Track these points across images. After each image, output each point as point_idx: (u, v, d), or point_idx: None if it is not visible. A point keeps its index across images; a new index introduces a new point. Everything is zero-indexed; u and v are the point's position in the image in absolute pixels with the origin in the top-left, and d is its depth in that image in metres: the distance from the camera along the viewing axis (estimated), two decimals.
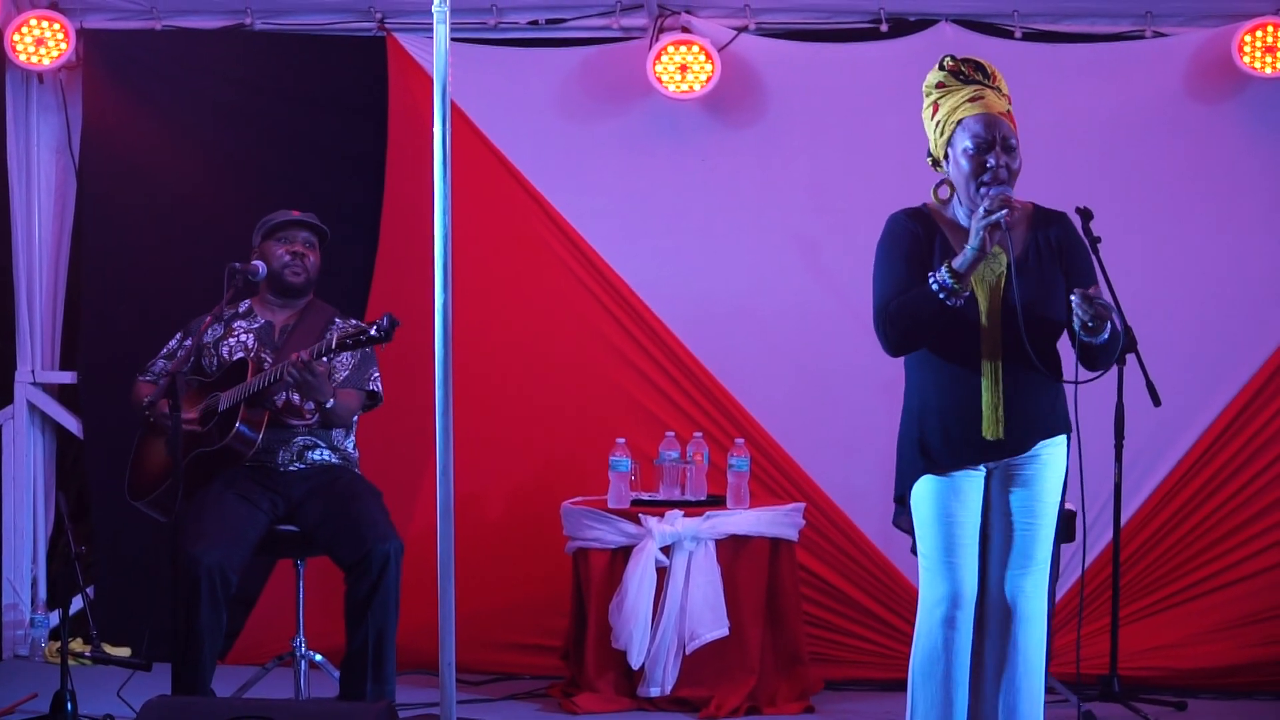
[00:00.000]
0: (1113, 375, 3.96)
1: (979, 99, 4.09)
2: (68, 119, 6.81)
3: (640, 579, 5.70)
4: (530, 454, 6.59)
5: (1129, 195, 6.34)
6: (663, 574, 5.73)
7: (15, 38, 6.59)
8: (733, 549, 5.81)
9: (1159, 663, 6.18)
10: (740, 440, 6.08)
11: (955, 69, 4.14)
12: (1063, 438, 4.18)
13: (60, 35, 6.62)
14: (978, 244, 3.96)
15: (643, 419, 6.45)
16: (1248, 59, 6.29)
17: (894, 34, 6.54)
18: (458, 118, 6.39)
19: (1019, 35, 6.50)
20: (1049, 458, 4.15)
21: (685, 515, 5.77)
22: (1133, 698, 5.77)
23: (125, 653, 6.31)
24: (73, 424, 6.85)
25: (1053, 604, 4.77)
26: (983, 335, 4.07)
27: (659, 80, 6.47)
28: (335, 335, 4.99)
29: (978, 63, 4.16)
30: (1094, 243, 4.94)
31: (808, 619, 6.15)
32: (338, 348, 4.98)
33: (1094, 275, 4.23)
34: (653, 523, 5.74)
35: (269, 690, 5.44)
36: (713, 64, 6.45)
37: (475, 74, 6.47)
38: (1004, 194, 3.97)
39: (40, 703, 5.57)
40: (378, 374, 5.43)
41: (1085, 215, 5.07)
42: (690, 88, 6.47)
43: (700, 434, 6.15)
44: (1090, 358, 4.05)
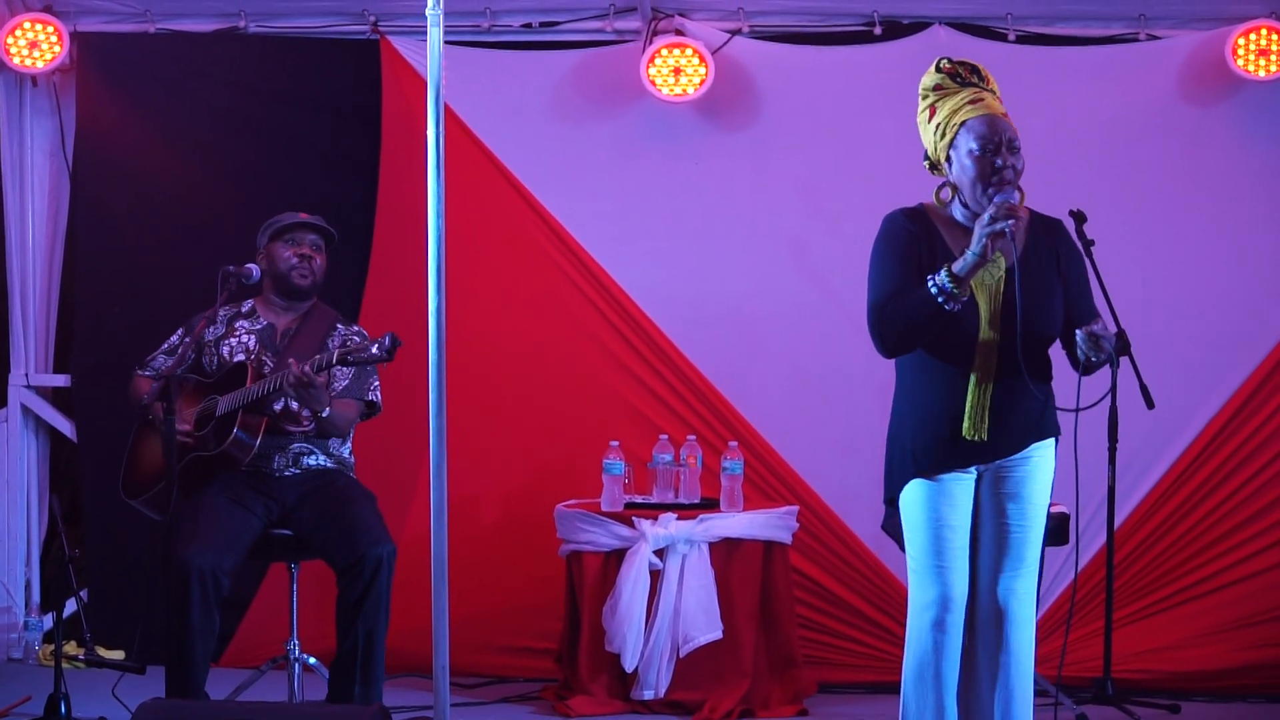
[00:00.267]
0: (1106, 379, 3.96)
1: (979, 101, 4.07)
2: (61, 122, 6.81)
3: (634, 582, 5.70)
4: (524, 457, 6.58)
5: (1123, 198, 6.33)
6: (656, 577, 5.73)
7: (9, 41, 6.59)
8: (726, 552, 5.81)
9: (1153, 665, 6.18)
10: (734, 443, 6.08)
11: (952, 71, 4.12)
12: (1051, 441, 4.19)
13: (54, 38, 6.62)
14: (980, 250, 3.94)
15: (636, 422, 6.45)
16: (1241, 62, 6.28)
17: (887, 37, 6.54)
18: (451, 120, 6.38)
19: (1012, 38, 6.49)
20: (1038, 460, 4.16)
21: (679, 518, 5.77)
22: (1126, 700, 5.77)
23: (119, 655, 6.30)
24: (66, 427, 6.84)
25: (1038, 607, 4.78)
26: (980, 338, 4.07)
27: (652, 83, 6.47)
28: (336, 350, 4.97)
29: (973, 65, 4.16)
30: (1087, 246, 4.94)
31: (801, 622, 6.15)
32: (338, 362, 4.96)
33: (1089, 284, 4.24)
34: (646, 526, 5.74)
35: (263, 693, 5.43)
36: (706, 67, 6.45)
37: (469, 77, 6.46)
38: (1009, 202, 3.94)
39: (34, 706, 5.57)
40: (377, 384, 5.39)
41: (1078, 218, 5.08)
42: (684, 91, 6.47)
43: (694, 437, 6.15)
44: (1086, 370, 4.09)
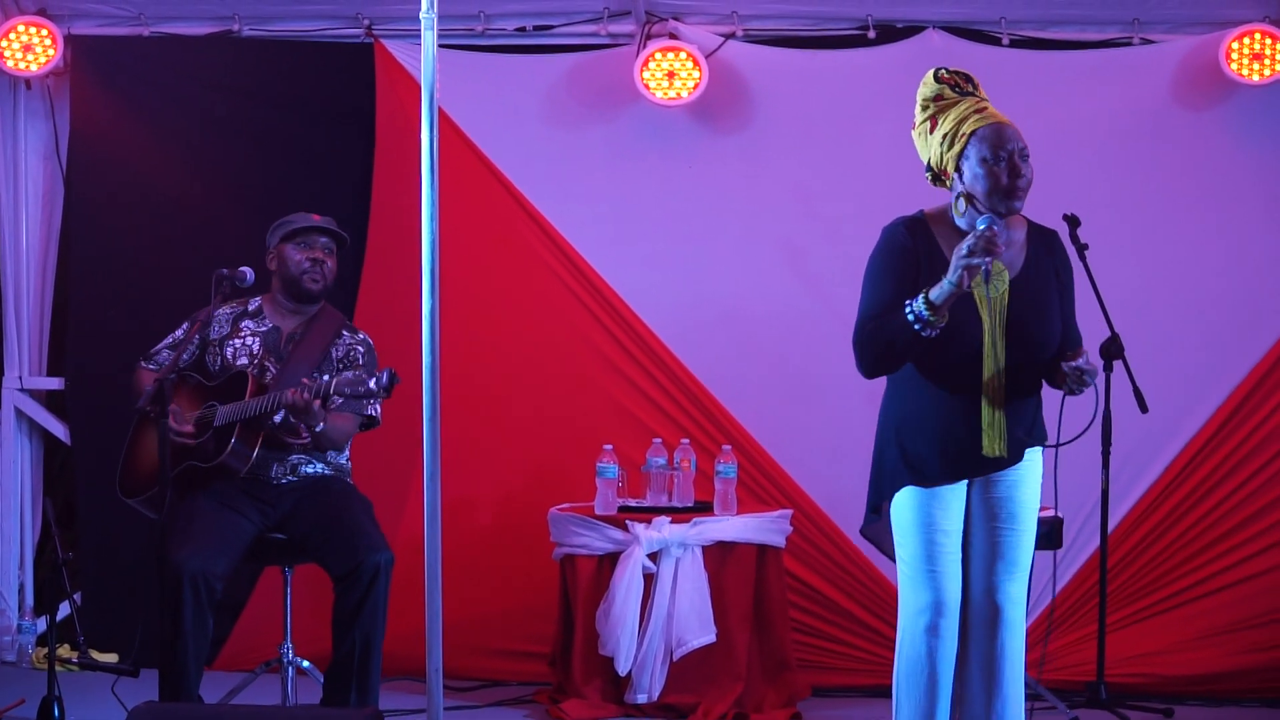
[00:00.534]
0: (1099, 382, 3.97)
1: (984, 110, 4.06)
2: (55, 125, 6.80)
3: (627, 585, 5.69)
4: (517, 461, 6.58)
5: (1117, 202, 6.33)
6: (650, 580, 5.73)
7: (3, 44, 6.58)
8: (720, 555, 5.81)
9: (1146, 669, 6.19)
10: (727, 447, 6.08)
11: (951, 81, 4.11)
12: (1040, 446, 4.20)
13: (48, 41, 6.61)
14: (955, 280, 3.89)
15: (630, 425, 6.44)
16: (1235, 66, 6.28)
17: (881, 41, 6.54)
18: (445, 124, 6.39)
19: (1007, 42, 6.49)
20: (1029, 464, 4.17)
21: (672, 522, 5.76)
22: (1119, 704, 5.78)
23: (113, 658, 6.28)
24: (60, 430, 6.84)
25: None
26: (985, 353, 4.05)
27: (646, 87, 6.47)
28: (333, 382, 4.93)
29: (966, 75, 4.15)
30: (1081, 250, 4.95)
31: (795, 625, 6.15)
32: (334, 393, 4.95)
33: (1073, 304, 4.22)
34: (640, 529, 5.74)
35: (256, 696, 5.43)
36: (700, 70, 6.45)
37: (463, 80, 6.46)
38: (989, 236, 3.88)
39: (28, 709, 5.57)
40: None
41: (1072, 222, 5.08)
42: (678, 94, 6.47)
43: (687, 440, 6.15)
44: (1070, 392, 4.11)
